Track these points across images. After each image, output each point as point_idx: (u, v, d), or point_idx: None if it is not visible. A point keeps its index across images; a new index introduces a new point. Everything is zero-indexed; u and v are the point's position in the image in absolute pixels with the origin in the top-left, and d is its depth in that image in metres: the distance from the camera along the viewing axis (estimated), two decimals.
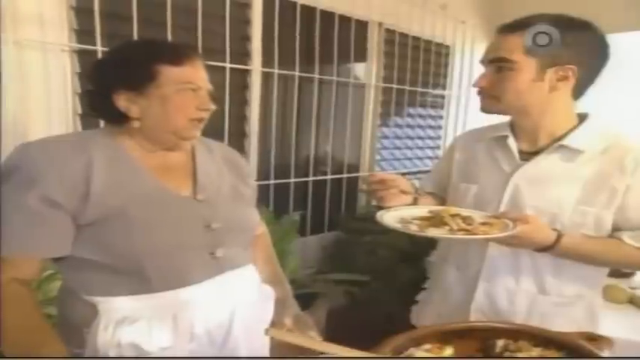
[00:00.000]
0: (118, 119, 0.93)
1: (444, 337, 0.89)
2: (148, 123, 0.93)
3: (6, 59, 1.48)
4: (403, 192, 1.11)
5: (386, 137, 3.06)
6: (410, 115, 3.16)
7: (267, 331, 0.81)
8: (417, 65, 3.04)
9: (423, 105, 3.21)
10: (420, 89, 3.10)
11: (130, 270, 0.88)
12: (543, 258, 1.09)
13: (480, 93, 1.10)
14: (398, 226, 0.96)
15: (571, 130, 1.09)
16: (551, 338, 0.87)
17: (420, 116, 3.23)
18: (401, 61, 2.91)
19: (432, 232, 0.95)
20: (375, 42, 2.80)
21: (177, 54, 0.92)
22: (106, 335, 0.86)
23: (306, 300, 2.30)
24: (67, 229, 0.86)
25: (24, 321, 0.84)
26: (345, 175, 2.80)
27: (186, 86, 0.92)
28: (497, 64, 1.05)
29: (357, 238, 2.49)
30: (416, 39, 2.96)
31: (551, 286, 1.11)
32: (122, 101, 0.91)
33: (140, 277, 0.88)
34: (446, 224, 0.96)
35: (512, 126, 1.16)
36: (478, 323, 0.98)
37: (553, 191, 1.06)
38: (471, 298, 1.17)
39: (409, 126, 3.17)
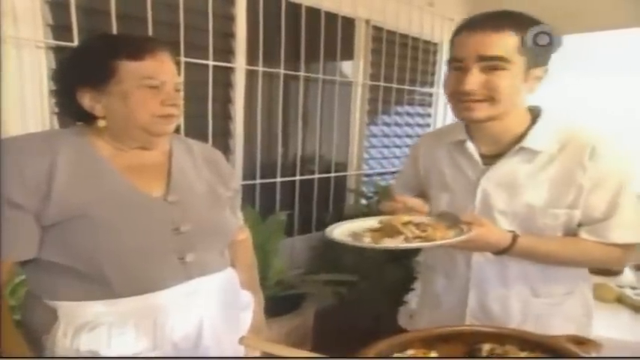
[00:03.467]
0: (86, 118, 0.90)
1: (429, 341, 0.87)
2: (112, 121, 0.90)
3: None
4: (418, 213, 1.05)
5: (374, 136, 3.03)
6: (398, 114, 3.13)
7: (241, 340, 0.77)
8: (405, 63, 3.02)
9: (410, 103, 3.19)
10: (407, 87, 3.08)
11: (92, 273, 0.85)
12: (530, 261, 1.07)
13: (462, 97, 1.00)
14: (348, 239, 0.92)
15: (528, 128, 1.05)
16: (538, 342, 0.85)
17: (408, 114, 3.21)
18: (388, 59, 2.89)
19: (388, 243, 0.90)
20: (362, 39, 2.78)
21: (136, 48, 0.88)
22: (65, 342, 0.83)
23: (293, 301, 2.28)
24: (30, 231, 0.83)
25: None
26: (332, 175, 2.77)
27: (148, 82, 0.88)
28: (487, 62, 0.96)
29: None
30: (403, 36, 2.94)
31: (541, 289, 1.10)
32: (86, 100, 0.88)
33: (102, 281, 0.85)
34: (400, 233, 0.91)
35: (467, 127, 1.11)
36: (463, 327, 0.96)
37: (522, 195, 1.04)
38: (464, 307, 1.15)
39: (397, 124, 3.15)
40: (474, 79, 0.97)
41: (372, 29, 2.78)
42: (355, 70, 2.81)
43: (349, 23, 2.68)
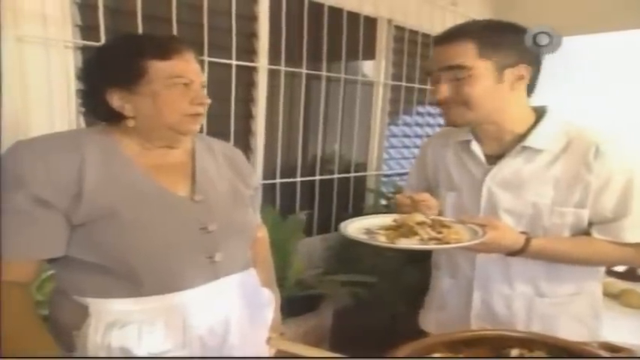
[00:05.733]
0: (113, 118, 0.91)
1: (454, 345, 0.86)
2: (142, 121, 0.90)
3: (7, 56, 1.46)
4: (429, 209, 1.07)
5: (394, 136, 3.01)
6: (419, 114, 3.11)
7: (268, 340, 0.77)
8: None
9: (432, 103, 3.15)
10: (429, 87, 3.04)
11: (122, 272, 0.85)
12: (535, 260, 1.06)
13: (443, 105, 1.06)
14: (364, 237, 0.93)
15: (531, 128, 1.07)
16: (569, 348, 0.83)
17: (430, 114, 3.18)
18: (410, 59, 2.86)
19: (403, 244, 0.91)
20: (384, 39, 2.76)
21: (165, 48, 0.89)
22: (96, 338, 0.83)
23: (312, 301, 2.27)
24: (59, 229, 0.83)
25: (17, 325, 0.82)
26: (352, 175, 2.75)
27: (177, 81, 0.89)
28: (452, 72, 1.02)
29: None
30: (425, 36, 2.91)
31: (546, 288, 1.10)
32: (116, 100, 0.89)
33: (132, 280, 0.86)
34: (416, 234, 0.92)
35: (473, 129, 1.13)
36: (488, 332, 0.94)
37: (527, 194, 1.06)
38: (469, 307, 1.15)
39: (418, 124, 3.13)
40: (444, 89, 1.04)
41: (394, 29, 2.76)
42: (377, 69, 2.80)
43: (371, 23, 2.67)
